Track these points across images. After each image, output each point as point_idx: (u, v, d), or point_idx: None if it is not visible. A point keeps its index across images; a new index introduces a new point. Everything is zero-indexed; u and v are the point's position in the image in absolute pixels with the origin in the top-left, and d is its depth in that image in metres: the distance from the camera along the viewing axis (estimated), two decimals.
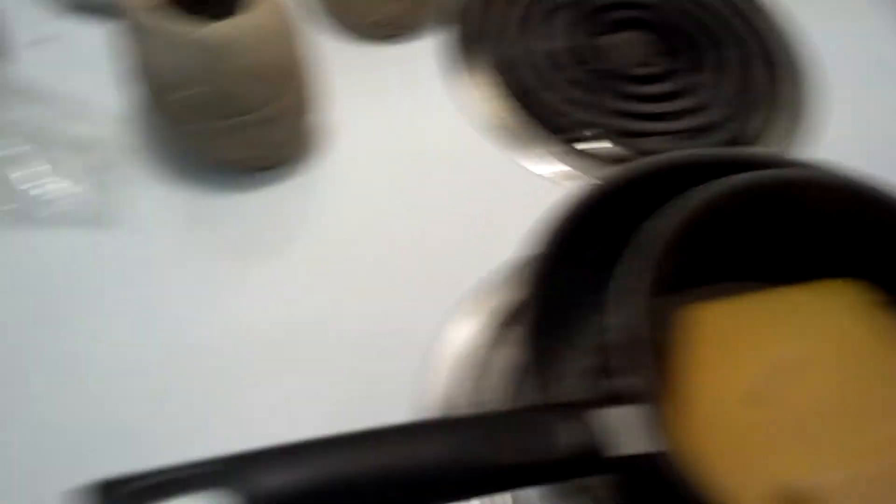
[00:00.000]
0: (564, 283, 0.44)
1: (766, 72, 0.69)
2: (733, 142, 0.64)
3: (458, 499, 0.34)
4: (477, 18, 0.69)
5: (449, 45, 0.68)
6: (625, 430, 0.35)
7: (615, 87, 0.65)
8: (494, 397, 0.51)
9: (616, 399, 0.36)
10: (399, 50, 0.67)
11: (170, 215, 0.57)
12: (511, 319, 0.54)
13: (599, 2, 0.70)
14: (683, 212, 0.42)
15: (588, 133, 0.63)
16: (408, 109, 0.64)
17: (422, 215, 0.59)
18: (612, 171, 0.46)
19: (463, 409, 0.51)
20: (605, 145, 0.63)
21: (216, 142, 0.56)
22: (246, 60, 0.51)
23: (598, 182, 0.45)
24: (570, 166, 0.62)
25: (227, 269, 0.56)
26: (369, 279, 0.56)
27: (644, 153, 0.62)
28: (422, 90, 0.65)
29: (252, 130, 0.55)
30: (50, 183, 0.56)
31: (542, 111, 0.64)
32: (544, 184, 0.61)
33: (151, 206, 0.57)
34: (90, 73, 0.62)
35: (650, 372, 0.37)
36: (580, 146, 0.63)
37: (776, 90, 0.68)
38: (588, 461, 0.34)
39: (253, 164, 0.59)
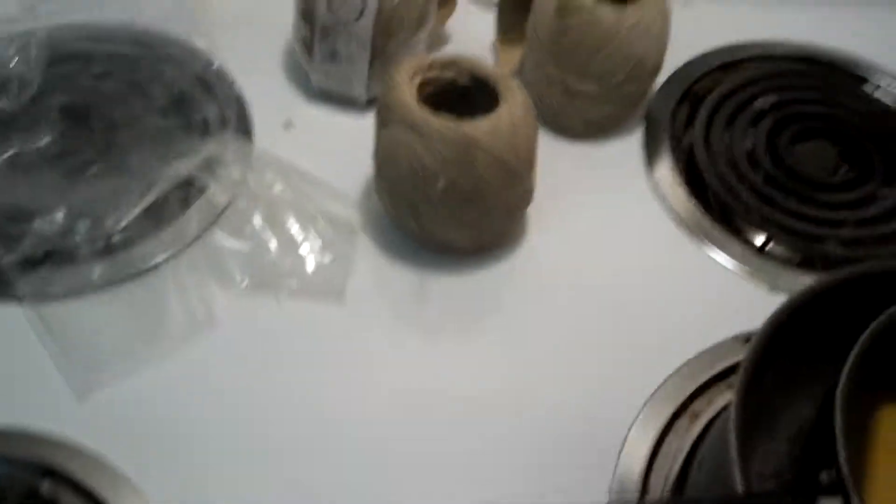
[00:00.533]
0: (769, 377, 0.47)
1: None
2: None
3: None
4: (678, 119, 0.75)
5: (649, 143, 0.73)
6: None
7: (802, 191, 0.70)
8: (690, 488, 0.54)
9: (820, 490, 0.39)
10: (605, 148, 0.73)
11: (390, 292, 0.63)
12: (704, 409, 0.58)
13: (791, 111, 0.76)
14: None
15: (776, 233, 0.67)
16: (608, 203, 0.69)
17: (615, 305, 0.63)
18: (823, 276, 0.50)
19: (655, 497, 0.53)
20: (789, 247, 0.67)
21: (447, 226, 0.61)
22: (500, 153, 0.58)
23: (811, 285, 0.49)
24: (758, 265, 0.66)
25: (437, 345, 0.60)
26: (565, 364, 0.60)
27: (825, 258, 0.66)
28: (622, 185, 0.71)
29: (485, 217, 0.61)
30: (300, 255, 0.63)
31: (734, 209, 0.69)
32: (734, 279, 0.65)
33: (374, 283, 0.63)
34: (332, 157, 0.69)
35: (853, 467, 0.40)
36: (768, 246, 0.67)
37: None
38: None
39: (471, 248, 0.64)
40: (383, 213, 0.65)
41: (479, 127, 0.57)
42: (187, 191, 0.65)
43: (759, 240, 0.68)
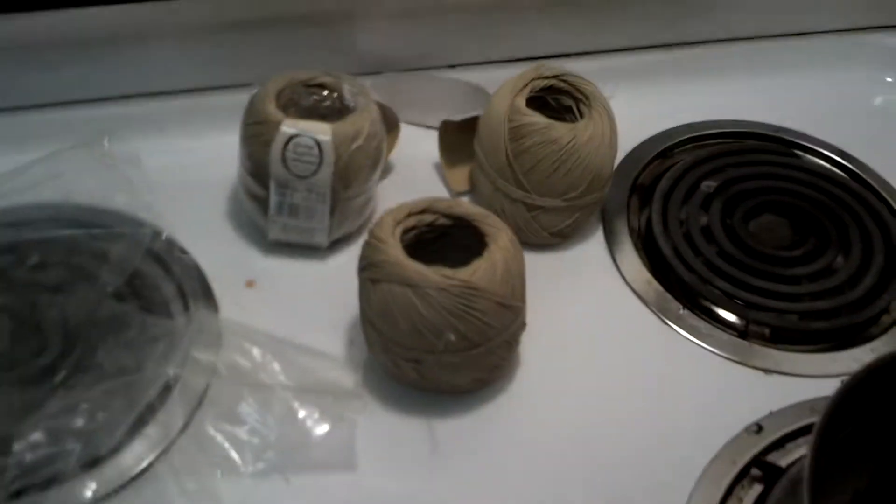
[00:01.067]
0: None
1: (885, 255, 0.74)
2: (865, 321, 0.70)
3: None
4: (632, 211, 0.78)
5: (611, 240, 0.75)
6: None
7: (765, 269, 0.72)
8: None
9: None
10: (570, 253, 0.74)
11: (400, 444, 0.60)
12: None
13: (736, 190, 0.78)
14: None
15: (749, 314, 0.69)
16: (589, 308, 0.70)
17: (621, 415, 0.63)
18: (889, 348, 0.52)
19: None
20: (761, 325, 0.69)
21: (452, 373, 0.60)
22: (500, 294, 0.57)
23: (880, 356, 0.51)
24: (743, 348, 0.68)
25: (456, 487, 0.59)
26: (583, 484, 0.59)
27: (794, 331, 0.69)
28: (597, 286, 0.71)
29: (488, 356, 0.60)
30: (300, 428, 0.59)
31: (703, 294, 0.70)
32: (726, 367, 0.66)
33: (382, 439, 0.60)
34: (303, 310, 0.67)
35: None
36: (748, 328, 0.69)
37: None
38: None
39: (474, 387, 0.63)
40: (377, 366, 0.63)
41: (476, 273, 0.56)
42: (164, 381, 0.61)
43: (736, 321, 0.69)
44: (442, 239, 0.63)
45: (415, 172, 0.78)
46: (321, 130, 0.64)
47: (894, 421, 0.47)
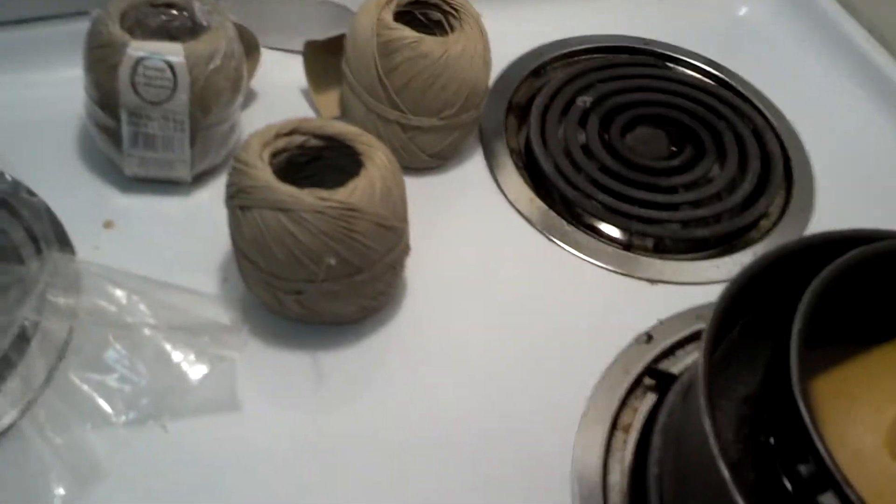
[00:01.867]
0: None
1: (761, 161, 0.75)
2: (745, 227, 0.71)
3: None
4: (510, 130, 0.76)
5: (491, 160, 0.73)
6: None
7: (643, 180, 0.72)
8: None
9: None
10: (451, 175, 0.71)
11: (284, 380, 0.57)
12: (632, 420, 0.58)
13: (610, 104, 0.77)
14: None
15: (631, 226, 0.69)
16: (472, 228, 0.68)
17: (513, 333, 0.62)
18: (767, 250, 0.51)
19: None
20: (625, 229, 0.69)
21: (334, 301, 0.57)
22: (381, 215, 0.54)
23: (757, 259, 0.50)
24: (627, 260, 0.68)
25: (344, 419, 0.56)
26: (483, 400, 0.58)
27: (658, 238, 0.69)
28: (480, 207, 0.69)
29: (372, 283, 0.57)
30: (175, 372, 0.55)
31: (575, 202, 0.70)
32: (612, 279, 0.66)
33: (265, 375, 0.57)
34: (169, 249, 0.62)
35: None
36: (631, 240, 0.69)
37: (771, 176, 0.74)
38: None
39: (359, 316, 0.60)
40: (257, 302, 0.59)
41: (355, 193, 0.53)
42: (19, 327, 0.56)
43: (619, 235, 0.69)
44: (315, 162, 0.60)
45: (282, 100, 0.73)
46: (173, 51, 0.59)
47: (780, 321, 0.47)
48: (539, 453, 0.55)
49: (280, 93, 0.74)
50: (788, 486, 0.46)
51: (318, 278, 0.54)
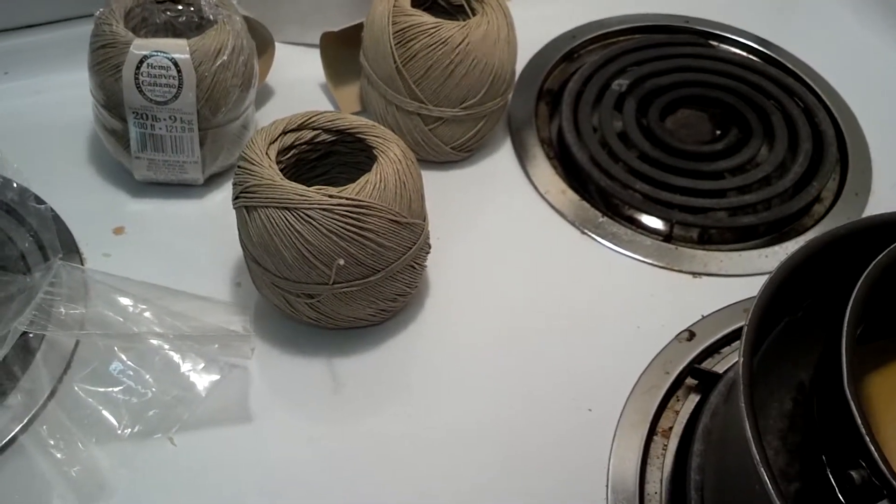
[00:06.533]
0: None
1: (813, 141, 0.70)
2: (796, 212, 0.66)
3: None
4: (540, 118, 0.72)
5: (520, 151, 0.69)
6: None
7: (684, 167, 0.67)
8: None
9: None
10: (479, 168, 0.68)
11: (299, 389, 0.54)
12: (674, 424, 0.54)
13: (649, 87, 0.73)
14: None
15: (672, 216, 0.64)
16: (500, 223, 0.64)
17: (546, 331, 0.58)
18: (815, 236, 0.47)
19: None
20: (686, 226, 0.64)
21: (350, 304, 0.53)
22: (393, 211, 0.50)
23: (802, 247, 0.46)
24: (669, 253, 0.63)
25: (361, 429, 0.53)
26: (518, 403, 0.54)
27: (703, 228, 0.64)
28: (509, 201, 0.66)
29: (389, 283, 0.53)
30: (184, 382, 0.53)
31: (612, 193, 0.65)
32: (652, 272, 0.62)
33: (278, 384, 0.55)
34: (181, 255, 0.60)
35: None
36: (672, 231, 0.64)
37: (824, 157, 0.69)
38: None
39: (378, 319, 0.56)
40: (271, 308, 0.56)
41: (365, 188, 0.50)
42: (23, 339, 0.54)
43: (660, 225, 0.65)
44: (327, 159, 0.57)
45: (300, 96, 0.71)
46: (177, 47, 0.56)
47: (832, 314, 0.42)
48: (573, 460, 0.52)
49: (298, 89, 0.71)
50: (839, 494, 0.41)
51: (329, 280, 0.51)
